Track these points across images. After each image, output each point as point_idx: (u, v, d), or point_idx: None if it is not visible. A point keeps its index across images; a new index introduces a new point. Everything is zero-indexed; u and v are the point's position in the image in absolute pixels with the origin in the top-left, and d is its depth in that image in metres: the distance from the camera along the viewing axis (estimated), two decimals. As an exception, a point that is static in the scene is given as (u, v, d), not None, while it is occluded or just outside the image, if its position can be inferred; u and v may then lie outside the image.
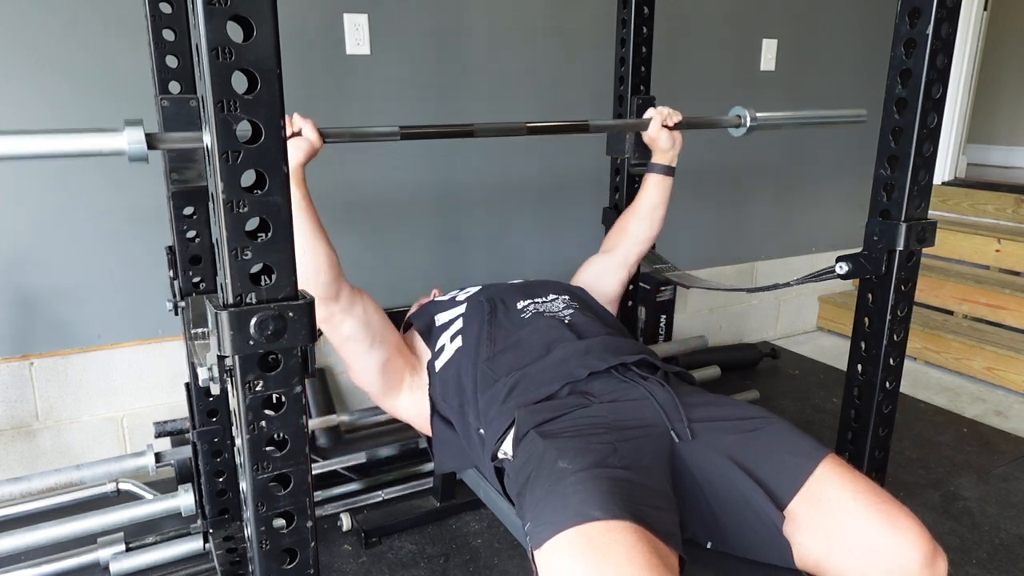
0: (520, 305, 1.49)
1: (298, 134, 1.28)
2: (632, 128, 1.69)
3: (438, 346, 1.49)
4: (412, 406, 1.49)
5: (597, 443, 1.12)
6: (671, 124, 1.61)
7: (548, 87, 2.50)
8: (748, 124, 1.64)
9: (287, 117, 1.07)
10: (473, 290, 1.56)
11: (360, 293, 1.39)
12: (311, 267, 1.28)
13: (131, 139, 0.79)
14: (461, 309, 1.51)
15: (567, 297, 1.54)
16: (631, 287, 2.12)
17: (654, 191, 1.66)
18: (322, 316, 1.34)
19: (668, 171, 1.66)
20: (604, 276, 1.68)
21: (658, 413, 1.21)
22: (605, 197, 2.09)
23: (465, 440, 1.39)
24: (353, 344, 1.39)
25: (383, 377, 1.44)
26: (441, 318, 1.53)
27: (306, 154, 1.30)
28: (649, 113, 1.63)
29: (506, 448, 1.24)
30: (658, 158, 1.66)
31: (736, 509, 1.12)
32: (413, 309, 1.71)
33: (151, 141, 0.79)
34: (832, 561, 1.08)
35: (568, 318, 1.45)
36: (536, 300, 1.51)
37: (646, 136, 1.64)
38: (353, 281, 1.39)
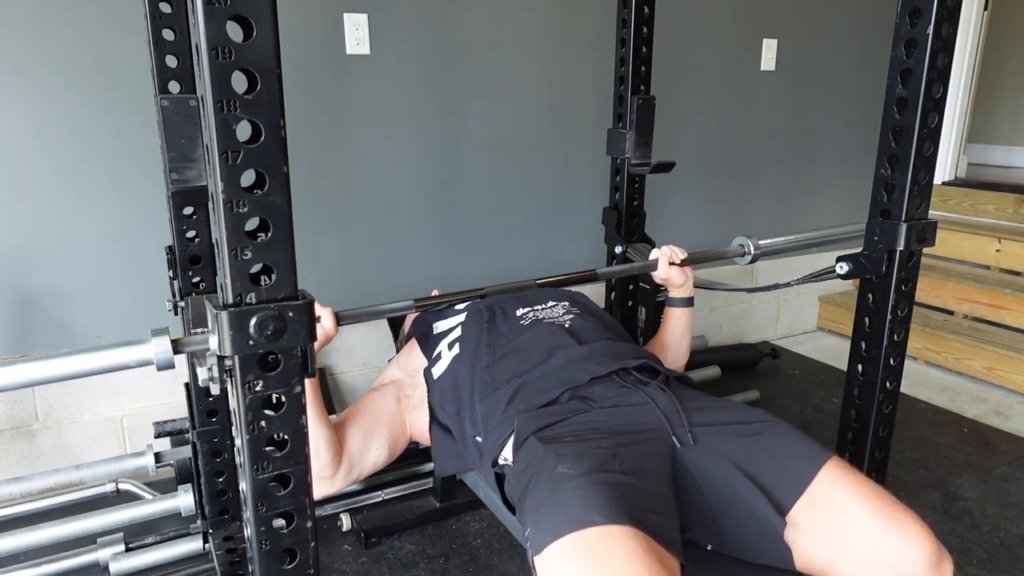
0: (519, 312, 1.49)
1: (317, 320, 1.27)
2: (640, 271, 1.69)
3: (435, 353, 1.49)
4: (418, 428, 1.51)
5: (597, 448, 1.11)
6: (677, 261, 1.61)
7: (548, 87, 2.50)
8: (752, 252, 1.65)
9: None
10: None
11: (355, 461, 1.40)
12: (310, 449, 1.29)
13: (158, 349, 0.80)
14: (460, 317, 1.51)
15: (567, 303, 1.54)
16: (631, 287, 2.12)
17: (677, 324, 1.66)
18: (323, 492, 1.38)
19: (687, 303, 1.66)
20: None
21: (659, 418, 1.21)
22: (605, 197, 2.09)
23: (463, 447, 1.40)
24: None
25: (398, 445, 1.49)
26: (440, 326, 1.53)
27: (320, 343, 1.28)
28: (654, 254, 1.63)
29: (506, 454, 1.24)
30: (674, 293, 1.65)
31: (738, 514, 1.12)
32: (412, 315, 1.72)
33: (176, 347, 0.81)
34: (836, 565, 1.07)
35: (568, 323, 1.45)
36: (536, 307, 1.51)
37: (657, 277, 1.63)
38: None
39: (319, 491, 1.37)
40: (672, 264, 1.60)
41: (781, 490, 1.10)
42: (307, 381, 1.26)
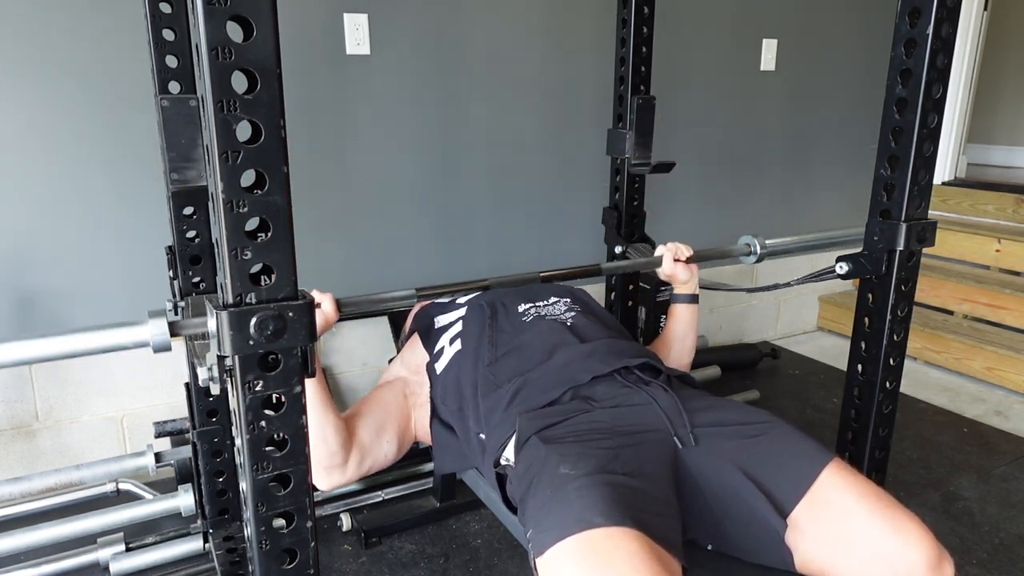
0: (521, 308, 1.48)
1: (317, 307, 1.27)
2: (645, 267, 1.69)
3: (437, 348, 1.48)
4: (422, 426, 1.50)
5: (599, 449, 1.11)
6: (683, 258, 1.61)
7: (548, 86, 2.50)
8: (758, 251, 1.65)
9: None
10: (473, 294, 1.56)
11: (366, 451, 1.40)
12: (318, 435, 1.29)
13: (155, 331, 0.80)
14: (461, 312, 1.51)
15: (568, 300, 1.53)
16: (631, 287, 2.12)
17: (682, 320, 1.66)
18: (335, 482, 1.37)
19: (692, 299, 1.66)
20: None
21: (661, 418, 1.21)
22: (605, 197, 2.09)
23: (465, 443, 1.39)
24: None
25: (404, 440, 1.49)
26: (441, 320, 1.53)
27: (320, 328, 1.28)
28: (659, 251, 1.63)
29: (508, 454, 1.23)
30: (679, 289, 1.65)
31: (739, 516, 1.12)
32: (415, 309, 1.71)
33: (173, 329, 0.80)
34: (837, 566, 1.07)
35: (570, 321, 1.44)
36: (537, 304, 1.51)
37: (662, 274, 1.63)
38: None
39: (332, 480, 1.36)
40: (677, 261, 1.60)
41: (782, 492, 1.10)
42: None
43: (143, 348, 0.84)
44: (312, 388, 1.27)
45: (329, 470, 1.35)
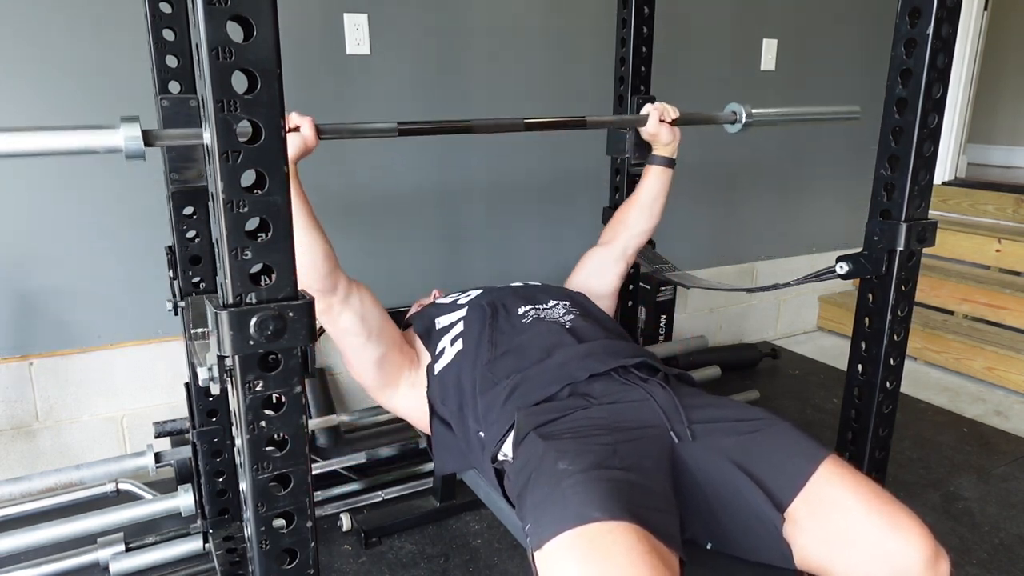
0: (521, 310, 1.49)
1: (295, 130, 1.28)
2: (630, 124, 1.69)
3: (438, 349, 1.48)
4: (409, 403, 1.48)
5: (597, 444, 1.12)
6: (669, 120, 1.62)
7: (548, 87, 2.50)
8: (744, 120, 1.64)
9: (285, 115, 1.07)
10: (475, 294, 1.56)
11: (358, 286, 1.39)
12: (307, 260, 1.27)
13: (128, 135, 0.77)
14: (462, 312, 1.51)
15: (567, 303, 1.54)
16: (631, 287, 2.12)
17: (655, 182, 1.67)
18: (320, 308, 1.33)
19: (669, 163, 1.67)
20: (603, 268, 1.69)
21: (658, 414, 1.21)
22: (605, 197, 2.09)
23: (464, 442, 1.39)
24: (351, 337, 1.39)
25: (380, 372, 1.44)
26: (441, 321, 1.53)
27: (298, 150, 1.30)
28: (646, 109, 1.63)
29: (506, 450, 1.24)
30: (659, 151, 1.66)
31: (736, 511, 1.12)
32: (413, 309, 1.71)
33: (148, 138, 0.78)
34: (834, 563, 1.07)
35: (569, 323, 1.45)
36: (537, 306, 1.51)
37: (645, 132, 1.64)
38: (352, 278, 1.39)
39: (319, 305, 1.31)
40: (663, 122, 1.61)
41: (779, 486, 1.10)
42: (293, 188, 1.24)
43: (116, 154, 0.79)
44: (296, 209, 1.24)
45: (319, 294, 1.31)
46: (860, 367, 1.36)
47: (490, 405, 1.31)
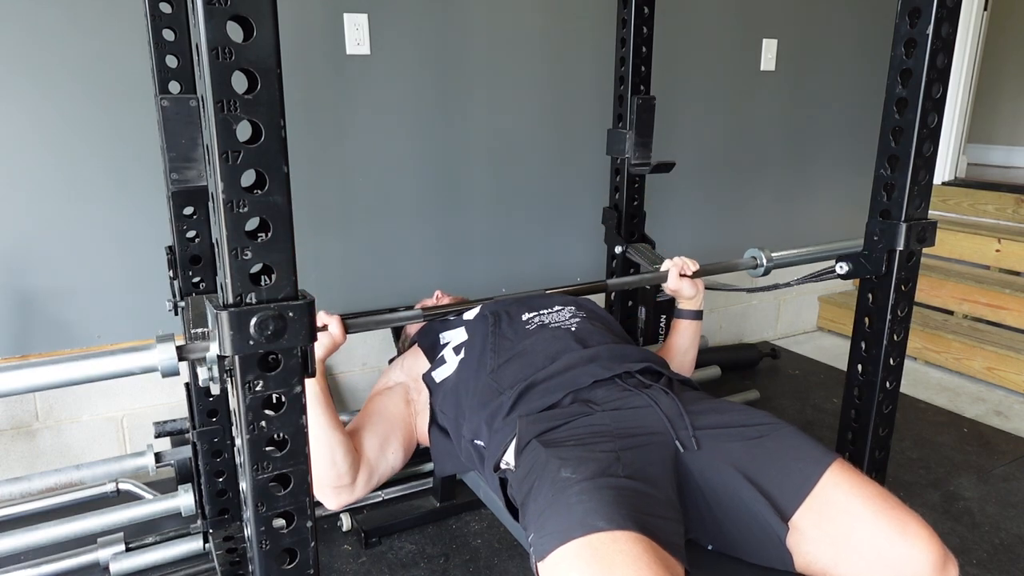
0: (525, 317, 1.48)
1: (324, 329, 1.25)
2: (651, 282, 1.69)
3: (438, 356, 1.49)
4: (423, 431, 1.51)
5: (600, 452, 1.11)
6: (689, 273, 1.60)
7: (548, 86, 2.50)
8: (764, 264, 1.66)
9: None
10: (479, 307, 1.55)
11: (381, 457, 1.41)
12: (326, 458, 1.28)
13: (163, 356, 0.79)
14: (467, 326, 1.51)
15: (573, 307, 1.53)
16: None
17: (684, 336, 1.65)
18: (344, 501, 1.36)
19: (696, 315, 1.65)
20: None
21: (662, 421, 1.20)
22: (605, 197, 2.09)
23: (458, 450, 1.40)
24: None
25: (411, 441, 1.50)
26: (446, 336, 1.53)
27: (327, 350, 1.27)
28: (665, 265, 1.62)
29: (508, 458, 1.23)
30: (684, 305, 1.64)
31: (740, 519, 1.11)
32: (417, 307, 1.71)
33: (181, 354, 0.80)
34: (841, 568, 1.07)
35: (574, 327, 1.44)
36: (542, 312, 1.50)
37: (668, 288, 1.62)
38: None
39: (341, 500, 1.35)
40: (683, 276, 1.59)
41: (784, 495, 1.10)
42: (318, 387, 1.26)
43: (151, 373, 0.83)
44: (319, 408, 1.26)
45: (338, 490, 1.34)
46: (860, 367, 1.36)
47: (494, 414, 1.30)
